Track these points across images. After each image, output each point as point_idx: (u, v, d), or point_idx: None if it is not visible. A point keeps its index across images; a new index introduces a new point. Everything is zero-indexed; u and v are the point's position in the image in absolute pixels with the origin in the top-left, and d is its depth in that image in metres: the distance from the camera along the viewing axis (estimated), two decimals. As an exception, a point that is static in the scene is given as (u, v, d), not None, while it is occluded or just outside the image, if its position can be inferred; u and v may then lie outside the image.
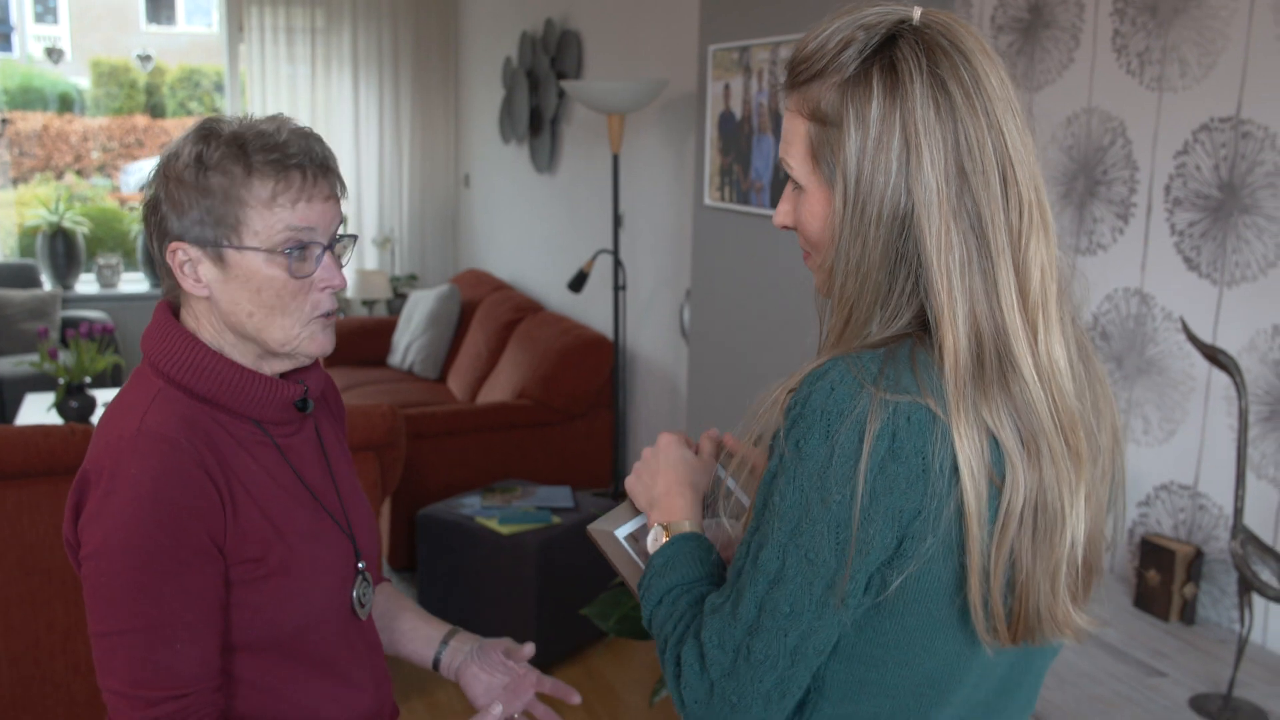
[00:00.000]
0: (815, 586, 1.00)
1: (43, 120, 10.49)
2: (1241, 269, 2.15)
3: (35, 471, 2.91)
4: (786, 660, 1.02)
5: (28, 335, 6.24)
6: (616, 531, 1.30)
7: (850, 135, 1.03)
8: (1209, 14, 2.19)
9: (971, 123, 1.01)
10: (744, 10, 3.41)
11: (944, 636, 1.05)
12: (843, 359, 1.01)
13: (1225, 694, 1.89)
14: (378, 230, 7.19)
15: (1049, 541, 1.03)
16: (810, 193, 1.09)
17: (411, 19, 7.07)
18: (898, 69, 1.02)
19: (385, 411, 3.36)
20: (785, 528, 1.00)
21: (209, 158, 1.30)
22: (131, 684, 1.26)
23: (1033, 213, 1.03)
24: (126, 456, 1.27)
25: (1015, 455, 1.00)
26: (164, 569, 1.26)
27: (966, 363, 1.00)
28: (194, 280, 1.34)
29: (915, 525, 0.99)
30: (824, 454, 0.98)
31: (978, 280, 1.01)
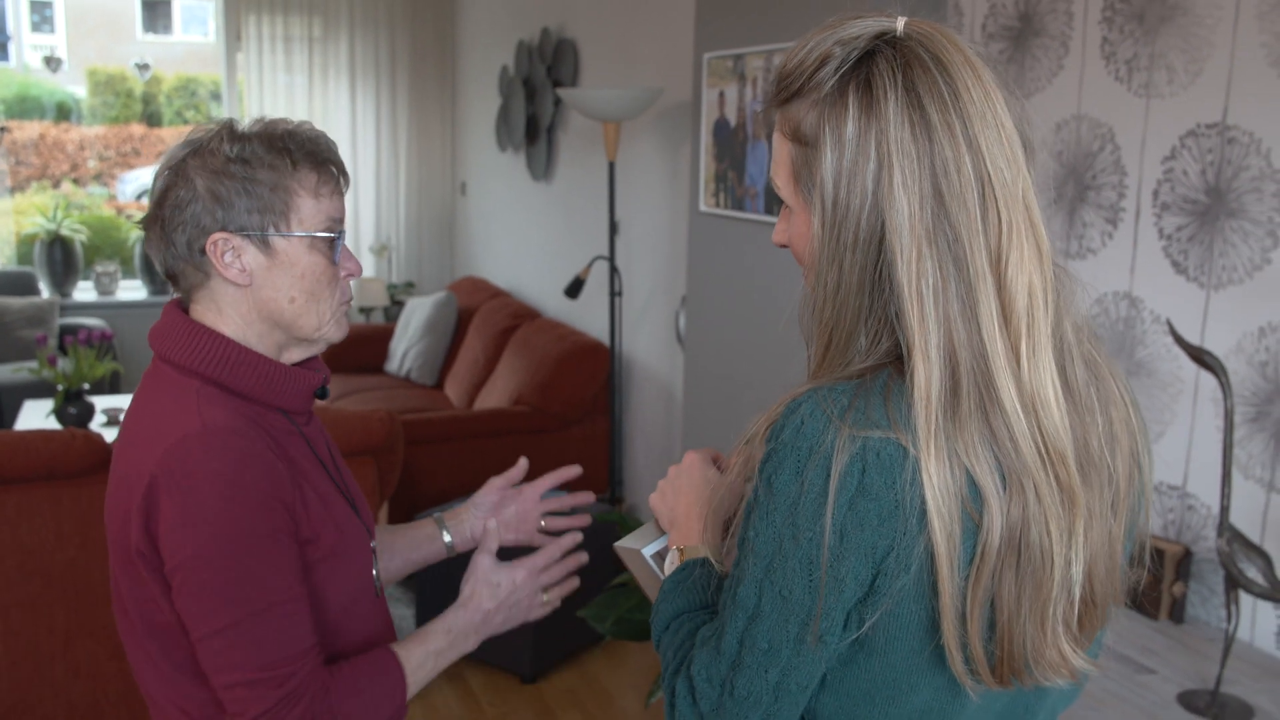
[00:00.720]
0: (791, 624, 0.98)
1: (40, 129, 10.52)
2: (1228, 272, 2.18)
3: (35, 476, 2.93)
4: (770, 697, 1.00)
5: (26, 342, 6.26)
6: (644, 550, 1.29)
7: (827, 156, 1.00)
8: (1195, 22, 2.22)
9: (948, 141, 0.97)
10: (738, 18, 3.44)
11: (929, 674, 1.02)
12: (816, 391, 0.99)
13: (1213, 690, 1.92)
14: (375, 238, 7.21)
15: (1034, 582, 0.98)
16: (797, 213, 1.07)
17: (408, 28, 7.10)
18: (873, 86, 0.98)
19: (383, 417, 3.39)
20: (760, 564, 0.99)
21: (251, 152, 1.36)
22: (259, 668, 1.30)
23: (1013, 234, 0.98)
24: (200, 454, 1.29)
25: (991, 493, 0.96)
26: (264, 552, 1.30)
27: (940, 394, 0.96)
28: (238, 270, 1.38)
29: (888, 562, 0.97)
30: (794, 490, 0.97)
31: (955, 306, 0.97)
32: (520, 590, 1.62)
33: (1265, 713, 1.89)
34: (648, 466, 4.76)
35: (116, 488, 1.38)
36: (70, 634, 3.01)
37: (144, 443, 1.33)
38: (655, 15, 4.50)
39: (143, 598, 1.38)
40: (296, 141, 1.39)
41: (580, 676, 3.83)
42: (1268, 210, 2.11)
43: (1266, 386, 2.12)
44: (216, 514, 1.28)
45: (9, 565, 2.93)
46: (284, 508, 1.34)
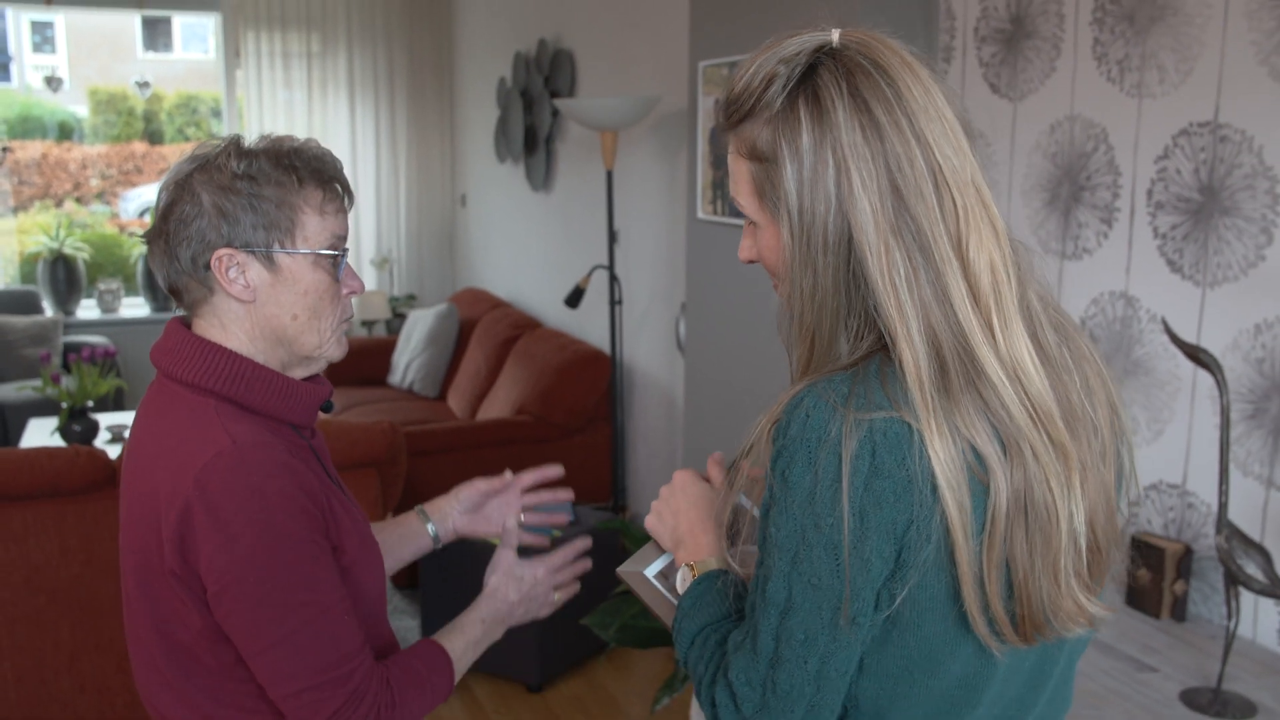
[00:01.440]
0: (824, 610, 1.01)
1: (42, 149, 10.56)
2: (1223, 270, 2.19)
3: (40, 493, 2.94)
4: (812, 687, 1.03)
5: (30, 361, 6.28)
6: (645, 571, 1.30)
7: (786, 169, 1.05)
8: (1185, 21, 2.23)
9: (898, 139, 1.02)
10: (733, 26, 3.45)
11: (961, 642, 1.06)
12: (815, 385, 1.03)
13: (1215, 687, 1.92)
14: (376, 251, 7.23)
15: (1044, 538, 1.03)
16: (764, 228, 1.12)
17: (406, 41, 7.13)
18: (820, 97, 1.04)
19: (386, 429, 3.40)
20: (785, 558, 1.02)
21: (258, 169, 1.36)
22: (322, 670, 1.32)
23: (970, 215, 1.03)
24: (237, 472, 1.30)
25: (994, 460, 1.01)
26: (307, 553, 1.32)
27: (931, 375, 1.01)
28: (242, 285, 1.38)
29: (910, 536, 1.01)
30: (809, 481, 1.00)
31: (927, 291, 1.02)
32: (540, 585, 1.67)
33: (1268, 709, 1.90)
34: (650, 474, 4.76)
35: (138, 508, 1.37)
36: (76, 649, 3.02)
37: (169, 464, 1.33)
38: (651, 24, 4.51)
39: (165, 617, 1.38)
40: (303, 159, 1.39)
41: (586, 684, 3.84)
42: (1261, 207, 2.11)
43: (1263, 383, 2.13)
44: (259, 529, 1.29)
45: (15, 581, 2.94)
46: (319, 514, 1.36)
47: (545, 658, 3.75)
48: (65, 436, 4.56)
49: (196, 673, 1.39)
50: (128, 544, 1.40)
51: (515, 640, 3.73)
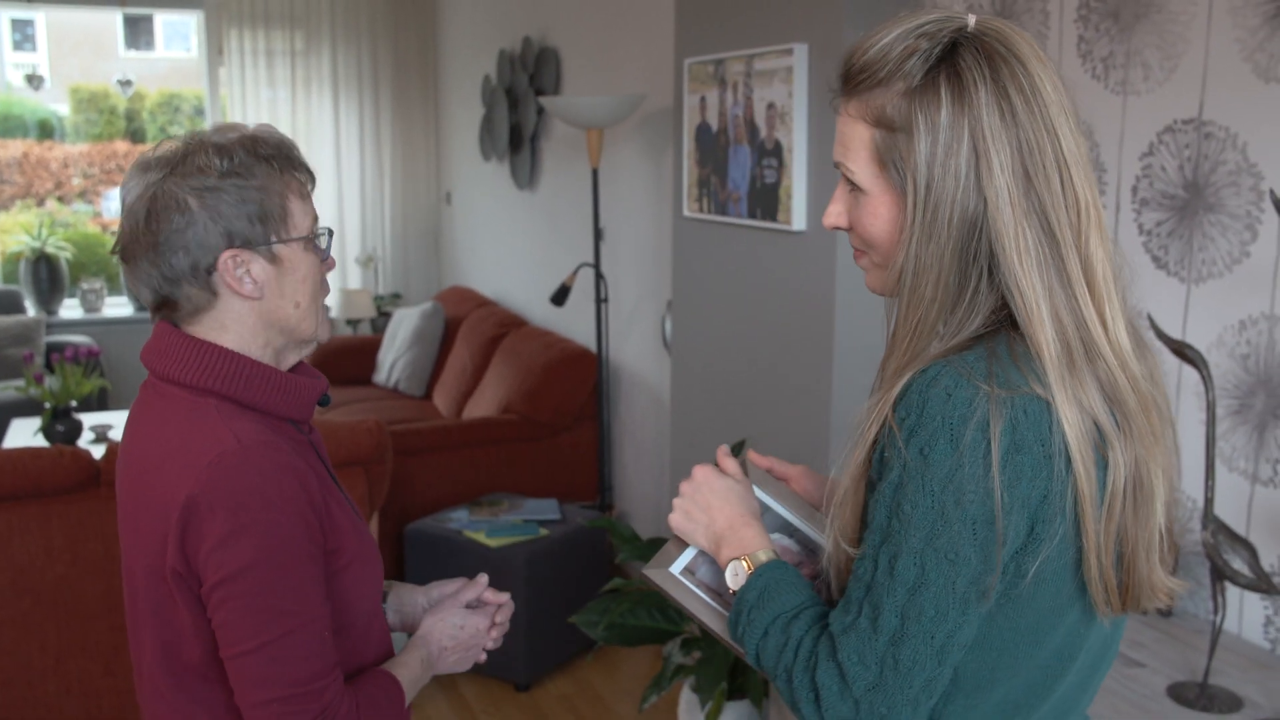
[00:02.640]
0: (958, 585, 1.04)
1: (23, 147, 10.49)
2: (1208, 266, 2.20)
3: (24, 494, 2.92)
4: (934, 661, 1.05)
5: (13, 361, 6.24)
6: (672, 569, 1.28)
7: (921, 141, 1.08)
8: (1169, 18, 2.24)
9: (1032, 127, 1.06)
10: (718, 24, 3.45)
11: (1069, 612, 1.11)
12: (948, 363, 1.05)
13: (1201, 682, 1.93)
14: (360, 249, 7.21)
15: (1147, 514, 1.10)
16: (875, 196, 1.14)
17: (390, 39, 7.11)
18: (963, 77, 1.07)
19: (371, 427, 3.39)
20: (919, 534, 1.04)
21: (240, 163, 1.34)
22: (297, 683, 1.29)
23: (1089, 210, 1.08)
24: (240, 471, 1.28)
25: (1113, 436, 1.06)
26: (303, 564, 1.31)
27: (1059, 353, 1.05)
28: (250, 284, 1.36)
29: (1044, 510, 1.05)
30: (952, 458, 1.02)
31: (1052, 275, 1.06)
32: (478, 636, 1.62)
33: (1254, 703, 1.91)
34: (637, 472, 4.76)
35: (144, 515, 1.35)
36: (62, 651, 3.01)
37: (173, 466, 1.31)
38: (636, 22, 4.51)
39: (168, 629, 1.36)
40: (271, 147, 1.38)
41: (574, 683, 3.84)
42: (1245, 204, 2.12)
43: (1248, 379, 2.14)
44: (261, 530, 1.27)
45: (0, 583, 2.92)
46: (317, 521, 1.34)
47: (533, 657, 3.75)
48: (49, 437, 4.53)
49: (194, 686, 1.38)
50: (134, 551, 1.38)
51: (503, 640, 3.72)
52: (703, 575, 1.28)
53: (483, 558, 3.69)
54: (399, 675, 1.47)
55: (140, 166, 1.36)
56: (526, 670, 3.74)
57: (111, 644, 3.05)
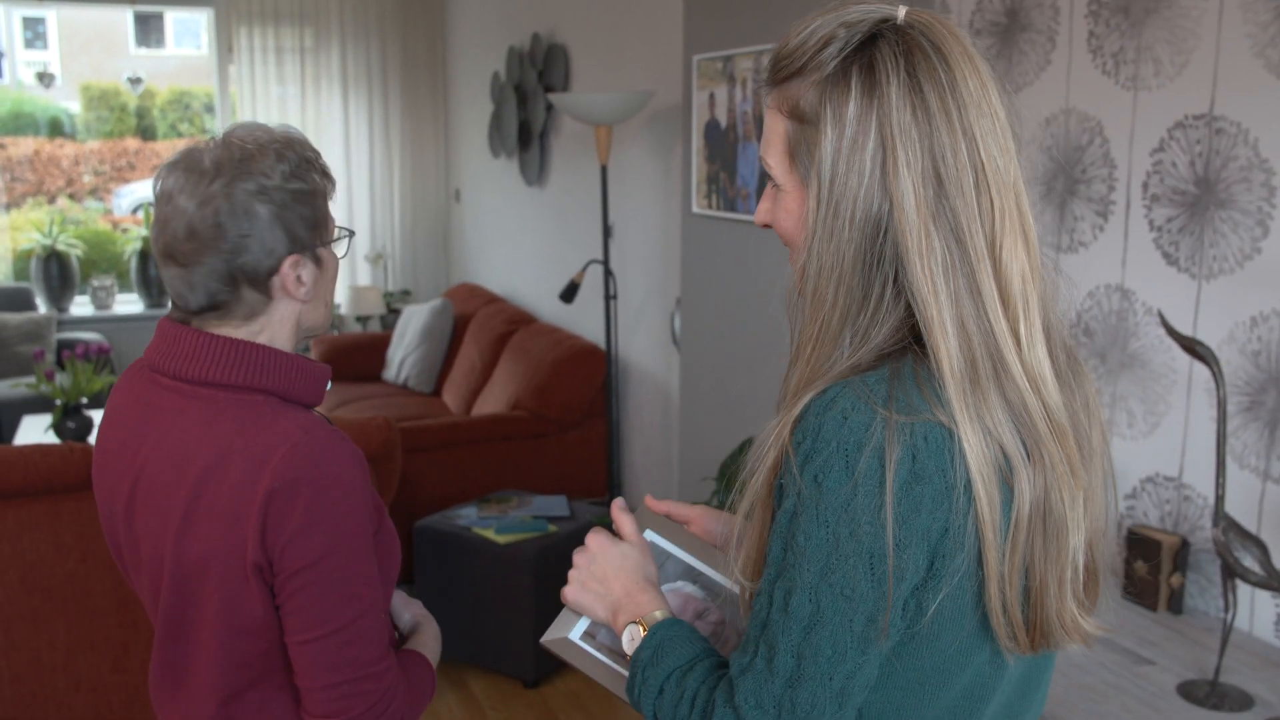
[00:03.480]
0: (855, 623, 0.97)
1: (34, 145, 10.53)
2: (1219, 262, 2.19)
3: (35, 491, 2.93)
4: (834, 705, 0.98)
5: (24, 358, 6.26)
6: (570, 636, 1.26)
7: (826, 134, 1.02)
8: (1180, 14, 2.23)
9: (945, 128, 1.00)
10: (727, 20, 3.45)
11: (976, 651, 1.04)
12: (847, 384, 0.99)
13: (1212, 680, 1.92)
14: (370, 247, 7.22)
15: (1057, 546, 1.03)
16: (787, 192, 1.08)
17: (399, 37, 7.11)
18: (875, 69, 1.01)
19: (380, 424, 3.39)
20: (814, 568, 0.97)
21: (296, 170, 1.39)
22: (365, 665, 1.34)
23: (1006, 219, 1.01)
24: (316, 460, 1.32)
25: (1019, 461, 0.99)
26: (369, 548, 1.36)
27: (962, 368, 0.99)
28: (304, 287, 1.42)
29: (944, 544, 0.98)
30: (847, 486, 0.96)
31: (961, 284, 1.00)
32: None
33: (1265, 702, 1.90)
34: (646, 469, 4.76)
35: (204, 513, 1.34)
36: (72, 647, 3.01)
37: (238, 465, 1.31)
38: (644, 19, 4.51)
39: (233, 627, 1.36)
40: (310, 150, 1.43)
41: (582, 680, 3.84)
42: (1256, 200, 2.11)
43: (1259, 375, 2.13)
44: (341, 515, 1.32)
45: (10, 579, 2.93)
46: (372, 504, 1.39)
47: (541, 654, 3.75)
48: (59, 433, 4.55)
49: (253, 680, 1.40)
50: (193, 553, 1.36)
51: (511, 636, 3.73)
52: (603, 638, 1.25)
53: (491, 554, 3.69)
54: (430, 657, 1.54)
55: (190, 170, 1.35)
56: (534, 666, 3.74)
57: (120, 640, 3.06)
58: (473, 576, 3.75)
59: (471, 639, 3.79)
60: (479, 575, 3.74)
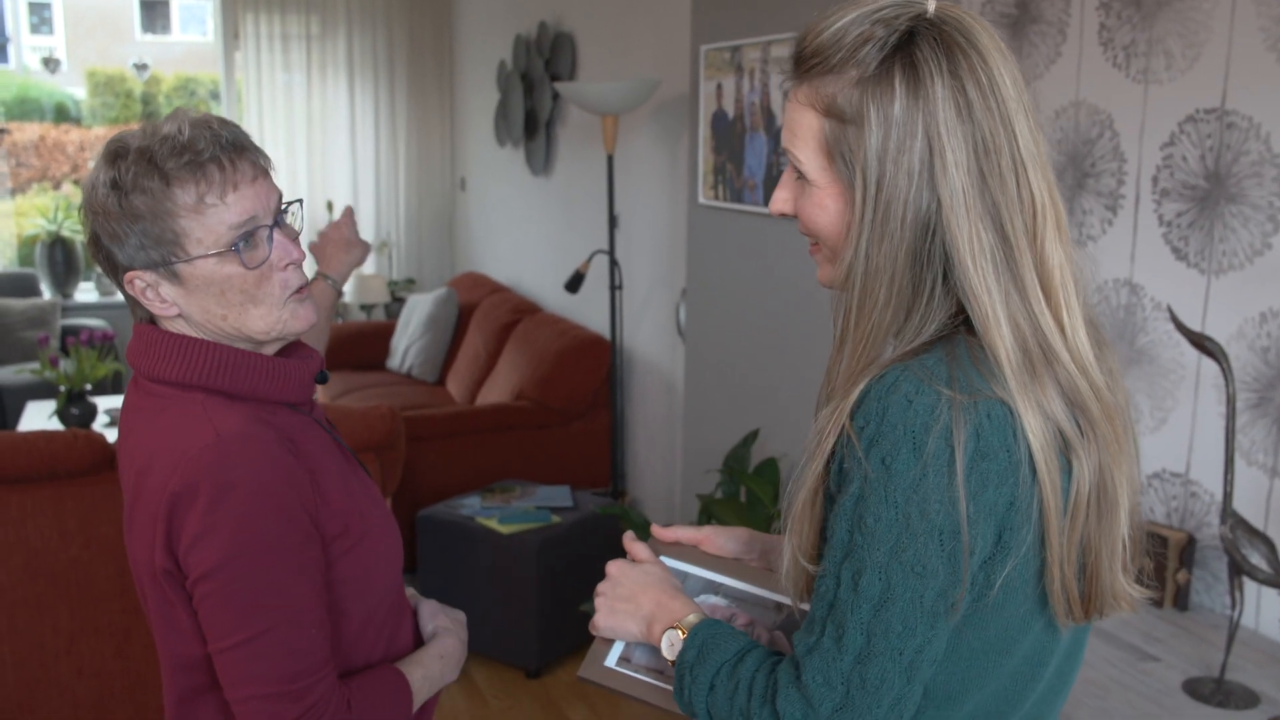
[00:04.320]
0: (925, 598, 0.99)
1: (40, 130, 10.52)
2: (1229, 258, 2.18)
3: (39, 476, 2.93)
4: (903, 679, 1.00)
5: (28, 344, 6.26)
6: (606, 664, 1.26)
7: (872, 134, 1.02)
8: (1192, 6, 2.21)
9: (988, 124, 1.01)
10: (735, 10, 3.43)
11: (1036, 619, 1.08)
12: (906, 368, 1.00)
13: (1217, 677, 1.92)
14: (374, 234, 7.21)
15: (1111, 523, 1.07)
16: (822, 188, 1.08)
17: (406, 24, 7.10)
18: (919, 69, 1.01)
19: (385, 413, 3.38)
20: (884, 547, 0.99)
21: (124, 181, 1.27)
22: (282, 680, 1.26)
23: (1045, 213, 1.04)
24: (220, 463, 1.25)
25: (1077, 442, 1.03)
26: (288, 560, 1.27)
27: (1019, 359, 1.01)
28: (160, 303, 1.33)
29: (1011, 517, 1.01)
30: (916, 467, 0.98)
31: (1008, 280, 1.02)
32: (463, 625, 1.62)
33: (1270, 699, 1.89)
34: (649, 460, 4.75)
35: (136, 516, 1.34)
36: (74, 633, 3.02)
37: (161, 463, 1.29)
38: (652, 8, 4.49)
39: (171, 631, 1.35)
40: (169, 151, 1.26)
41: (585, 670, 3.84)
42: (1268, 195, 2.10)
43: (1268, 372, 2.12)
44: (241, 523, 1.24)
45: (13, 565, 2.93)
46: (306, 514, 1.30)
47: (544, 643, 3.75)
48: (63, 419, 4.55)
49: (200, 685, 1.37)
50: (134, 556, 1.37)
51: (514, 626, 3.73)
52: (639, 659, 1.25)
53: (495, 544, 3.69)
54: (410, 674, 1.44)
55: None
56: (537, 656, 3.74)
57: (123, 627, 3.06)
58: (476, 566, 3.75)
59: (474, 629, 3.75)
60: (482, 565, 3.73)
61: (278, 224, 1.35)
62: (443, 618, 1.57)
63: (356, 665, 1.42)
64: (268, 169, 1.35)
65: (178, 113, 1.32)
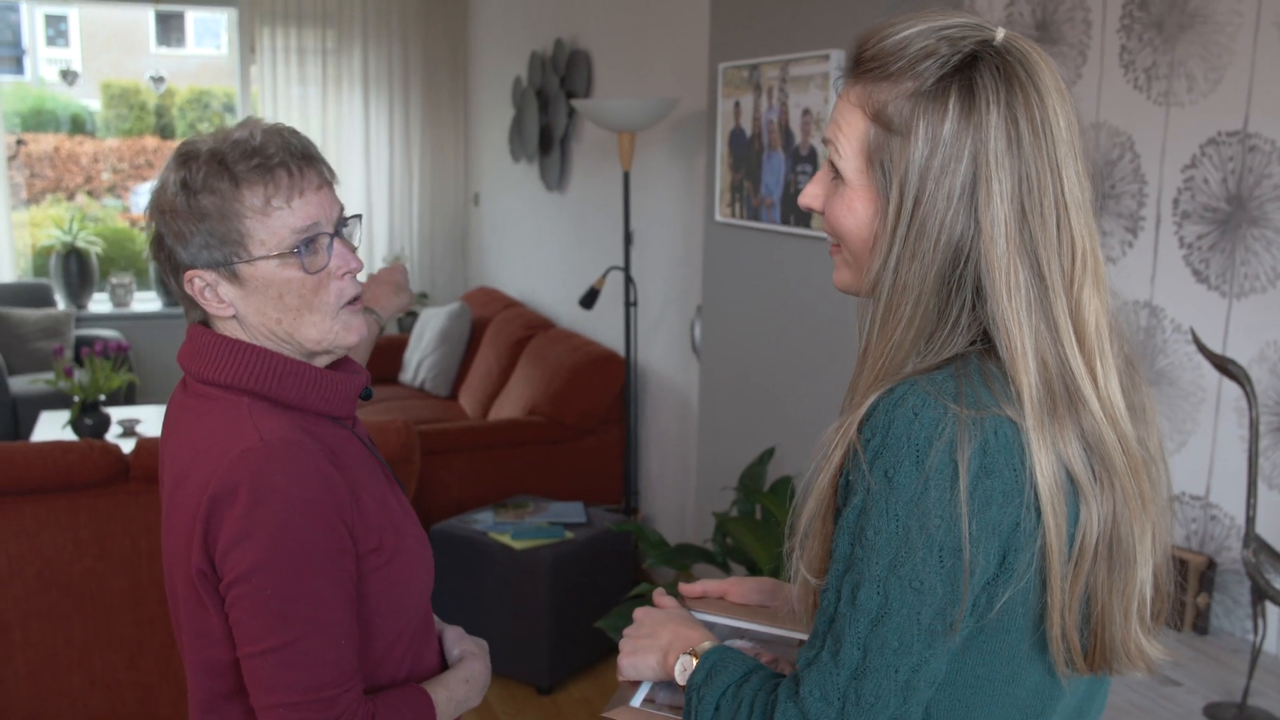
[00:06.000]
0: (923, 616, 0.98)
1: (55, 142, 10.56)
2: (1250, 281, 2.17)
3: (53, 487, 2.93)
4: (899, 698, 0.99)
5: (42, 354, 6.28)
6: (632, 703, 1.27)
7: (917, 149, 1.01)
8: (1215, 29, 2.21)
9: (1035, 162, 1.00)
10: (753, 28, 3.44)
11: (1038, 657, 1.05)
12: (915, 382, 1.00)
13: (1239, 703, 1.90)
14: (388, 249, 7.23)
15: (1124, 576, 1.03)
16: (855, 190, 1.07)
17: (421, 39, 7.12)
18: (976, 94, 1.00)
19: (400, 427, 3.39)
20: (883, 561, 0.98)
21: (194, 181, 1.30)
22: (309, 690, 1.27)
23: (1085, 259, 1.02)
24: (262, 468, 1.26)
25: (1088, 489, 1.00)
26: (322, 569, 1.28)
27: (1041, 395, 0.99)
28: (217, 303, 1.35)
29: (1015, 538, 0.99)
30: (918, 481, 0.97)
31: (1039, 317, 1.00)
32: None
33: (1292, 725, 1.88)
34: (662, 477, 4.75)
35: (174, 516, 1.35)
36: (88, 644, 3.02)
37: (203, 464, 1.30)
38: (669, 25, 4.50)
39: (201, 634, 1.35)
40: (240, 155, 1.30)
41: (596, 687, 3.82)
42: (1290, 218, 2.09)
43: (1290, 395, 2.11)
44: (278, 528, 1.25)
45: (27, 575, 2.93)
46: (344, 526, 1.31)
47: (556, 660, 3.74)
48: (77, 430, 4.56)
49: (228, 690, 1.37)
50: (171, 554, 1.38)
51: (526, 642, 3.72)
52: (664, 699, 1.26)
53: (507, 560, 3.69)
54: (435, 694, 1.44)
55: None
56: (549, 673, 3.73)
57: (136, 638, 3.06)
58: (488, 581, 3.74)
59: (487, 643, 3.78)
60: (494, 580, 3.73)
61: (336, 233, 1.38)
62: (468, 643, 1.57)
63: (382, 683, 1.42)
64: (331, 181, 1.39)
65: (249, 121, 1.36)
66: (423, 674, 1.49)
